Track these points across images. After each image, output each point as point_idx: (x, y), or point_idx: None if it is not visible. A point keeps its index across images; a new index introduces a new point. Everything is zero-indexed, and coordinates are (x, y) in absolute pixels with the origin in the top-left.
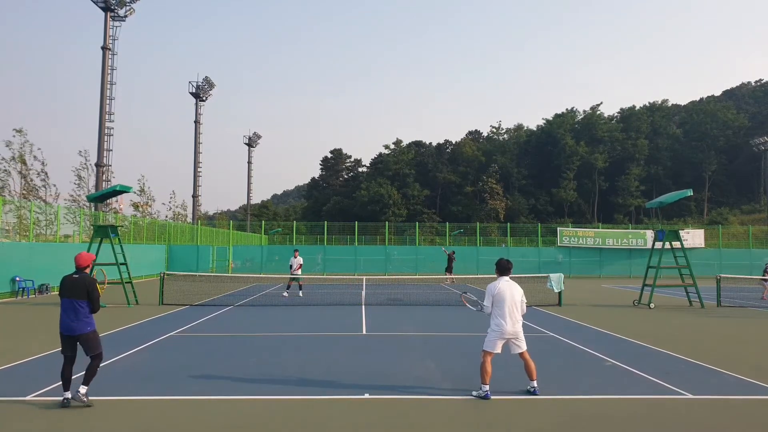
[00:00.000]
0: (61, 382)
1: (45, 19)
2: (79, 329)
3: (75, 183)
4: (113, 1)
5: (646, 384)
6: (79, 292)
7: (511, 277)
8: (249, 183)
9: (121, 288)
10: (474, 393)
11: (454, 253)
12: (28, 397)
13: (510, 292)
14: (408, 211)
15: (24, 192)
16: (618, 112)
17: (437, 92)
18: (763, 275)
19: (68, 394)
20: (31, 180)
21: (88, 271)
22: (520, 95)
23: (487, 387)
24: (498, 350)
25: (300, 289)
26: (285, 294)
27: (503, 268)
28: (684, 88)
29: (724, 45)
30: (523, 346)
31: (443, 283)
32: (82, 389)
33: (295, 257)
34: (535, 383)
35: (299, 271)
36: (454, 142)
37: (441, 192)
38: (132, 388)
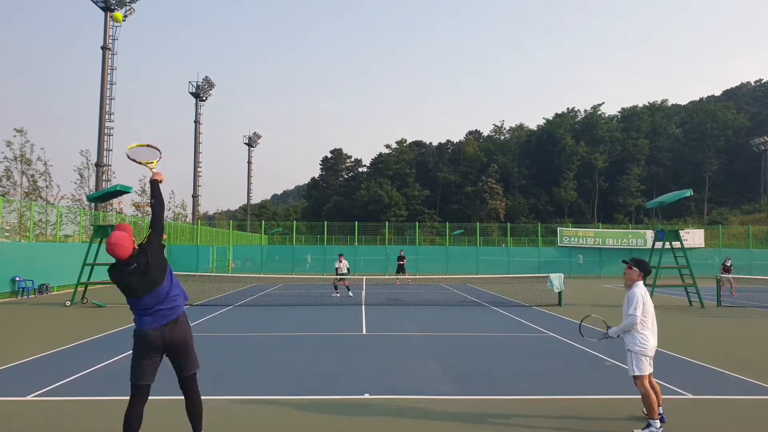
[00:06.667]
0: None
1: (45, 19)
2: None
3: (76, 183)
4: (113, 1)
5: None
6: None
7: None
8: (249, 183)
9: None
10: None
11: (402, 252)
12: (28, 397)
13: (650, 299)
14: (408, 211)
15: (28, 192)
16: (619, 112)
17: (437, 92)
18: (723, 272)
19: None
20: (35, 181)
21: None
22: (521, 95)
23: (658, 423)
24: (651, 370)
25: (348, 289)
26: (335, 294)
27: (648, 270)
28: (684, 88)
29: (724, 45)
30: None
31: (396, 283)
32: None
33: (341, 261)
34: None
35: (346, 272)
36: (455, 142)
37: (441, 192)
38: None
